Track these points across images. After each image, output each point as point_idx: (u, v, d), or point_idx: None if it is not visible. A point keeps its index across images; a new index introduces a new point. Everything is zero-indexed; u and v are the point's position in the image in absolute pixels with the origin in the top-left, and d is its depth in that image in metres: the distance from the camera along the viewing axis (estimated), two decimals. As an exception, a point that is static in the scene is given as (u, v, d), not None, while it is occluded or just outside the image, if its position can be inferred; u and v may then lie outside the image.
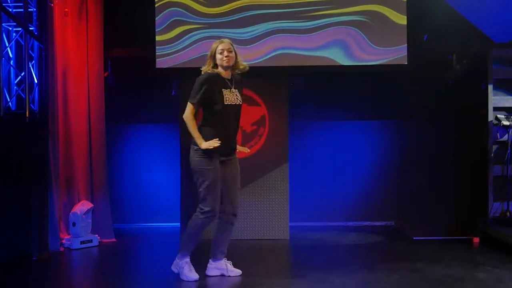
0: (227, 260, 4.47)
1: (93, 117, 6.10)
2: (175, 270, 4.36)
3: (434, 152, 6.30)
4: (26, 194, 5.22)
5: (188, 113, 4.20)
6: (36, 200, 5.32)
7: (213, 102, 4.20)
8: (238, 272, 4.44)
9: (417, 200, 5.96)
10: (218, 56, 4.22)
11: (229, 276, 4.39)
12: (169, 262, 4.42)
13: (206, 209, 4.21)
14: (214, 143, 4.13)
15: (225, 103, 4.21)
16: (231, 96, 4.26)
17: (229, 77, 4.31)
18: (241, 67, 4.33)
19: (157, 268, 4.82)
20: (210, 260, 4.47)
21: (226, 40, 4.30)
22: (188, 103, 4.22)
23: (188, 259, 4.32)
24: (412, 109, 6.74)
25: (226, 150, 4.29)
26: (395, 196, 7.00)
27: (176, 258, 4.37)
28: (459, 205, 6.05)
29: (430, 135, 6.45)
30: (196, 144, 4.21)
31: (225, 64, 4.22)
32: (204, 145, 4.14)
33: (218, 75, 4.25)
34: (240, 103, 4.33)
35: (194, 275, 4.29)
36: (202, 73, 4.28)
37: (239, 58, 4.32)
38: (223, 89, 4.22)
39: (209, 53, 4.29)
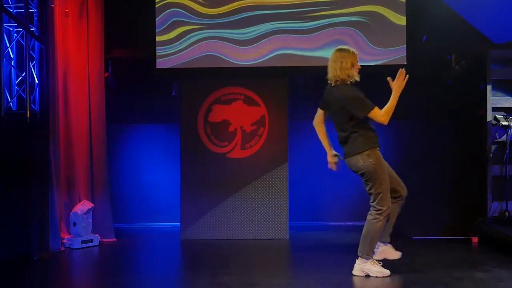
0: None
1: (93, 117, 6.11)
2: (361, 274, 4.28)
3: (433, 152, 6.30)
4: (27, 193, 5.24)
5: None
6: (37, 200, 5.35)
7: None
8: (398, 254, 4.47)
9: (416, 200, 5.96)
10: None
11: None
12: (169, 262, 4.43)
13: (385, 208, 4.26)
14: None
15: None
16: None
17: None
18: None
19: (157, 268, 4.83)
20: (381, 244, 4.44)
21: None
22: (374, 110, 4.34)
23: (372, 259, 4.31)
24: (411, 109, 6.73)
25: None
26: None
27: (359, 263, 4.29)
28: (458, 205, 6.05)
29: (428, 135, 6.44)
30: (365, 149, 4.31)
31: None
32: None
33: None
34: None
35: (387, 270, 4.27)
36: (350, 82, 4.42)
37: None
38: None
39: (350, 62, 4.36)
